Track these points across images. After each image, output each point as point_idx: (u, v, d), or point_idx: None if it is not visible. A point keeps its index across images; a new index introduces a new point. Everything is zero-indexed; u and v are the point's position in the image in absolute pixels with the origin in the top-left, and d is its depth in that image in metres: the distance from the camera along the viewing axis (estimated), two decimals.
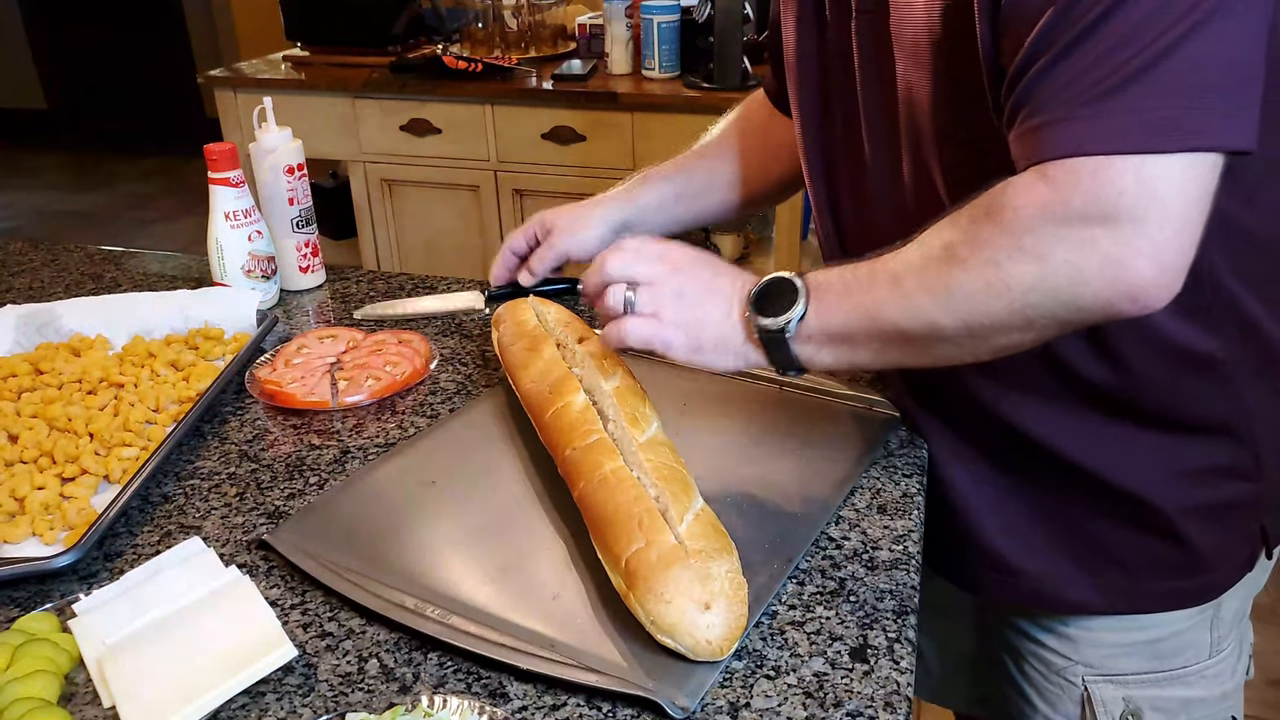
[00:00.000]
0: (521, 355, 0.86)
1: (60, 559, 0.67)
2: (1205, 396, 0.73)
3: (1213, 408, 0.74)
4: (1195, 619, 0.80)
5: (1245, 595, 0.84)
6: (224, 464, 0.83)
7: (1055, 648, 0.84)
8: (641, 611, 0.60)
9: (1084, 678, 0.83)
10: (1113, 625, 0.81)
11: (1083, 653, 0.83)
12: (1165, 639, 0.81)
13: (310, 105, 2.46)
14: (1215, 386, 0.73)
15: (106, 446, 0.82)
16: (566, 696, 0.58)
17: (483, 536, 0.72)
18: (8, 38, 5.48)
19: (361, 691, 0.59)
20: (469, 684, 0.59)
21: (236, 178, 1.06)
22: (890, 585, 0.67)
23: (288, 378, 0.93)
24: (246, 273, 1.08)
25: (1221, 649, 0.83)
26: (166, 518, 0.76)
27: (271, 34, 2.68)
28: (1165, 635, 0.81)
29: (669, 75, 2.27)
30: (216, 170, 1.05)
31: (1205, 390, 0.73)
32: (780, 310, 0.69)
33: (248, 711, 0.58)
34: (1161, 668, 0.82)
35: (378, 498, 0.77)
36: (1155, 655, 0.81)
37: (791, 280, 0.69)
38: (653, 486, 0.66)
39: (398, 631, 0.63)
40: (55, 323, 1.02)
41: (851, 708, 0.57)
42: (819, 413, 0.87)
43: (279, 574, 0.69)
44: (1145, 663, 0.82)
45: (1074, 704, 0.84)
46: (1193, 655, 0.82)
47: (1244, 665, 0.86)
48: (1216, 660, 0.83)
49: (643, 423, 0.74)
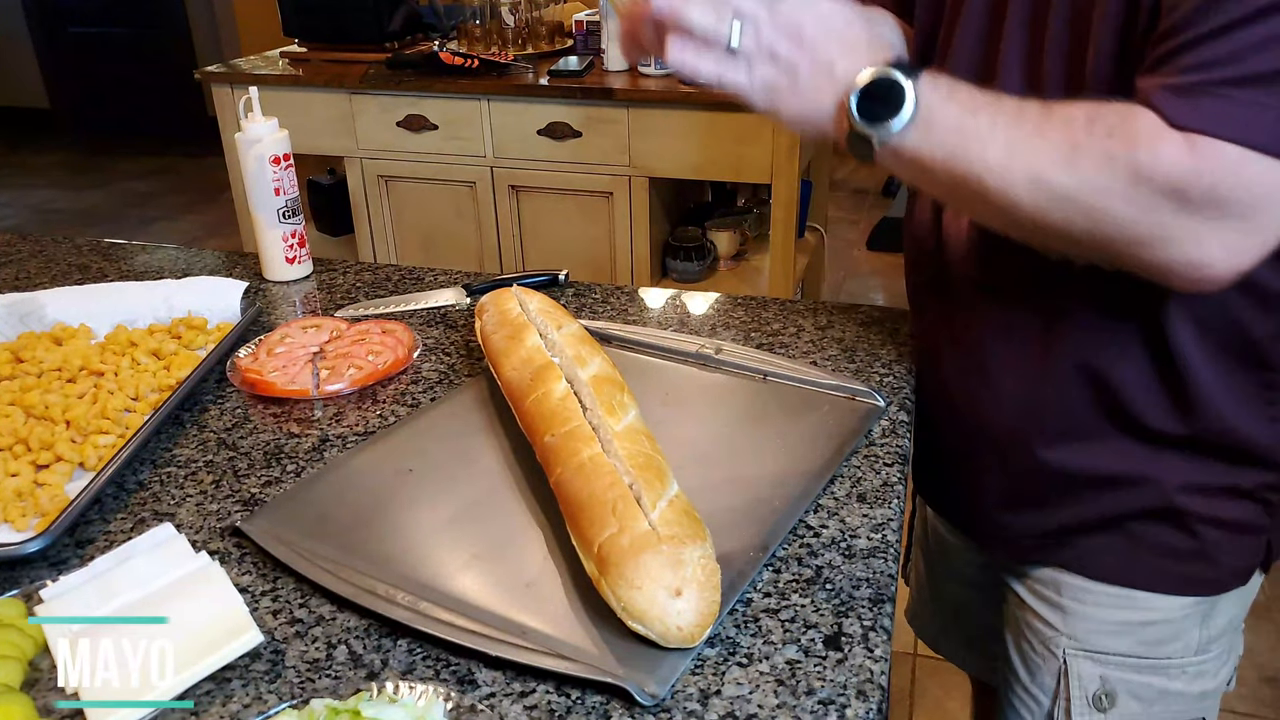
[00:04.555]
0: (504, 344, 0.85)
1: (30, 545, 0.66)
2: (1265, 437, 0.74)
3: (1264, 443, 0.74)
4: (1188, 610, 0.80)
5: (1240, 605, 0.83)
6: (202, 451, 0.82)
7: (1046, 616, 0.84)
8: (613, 598, 0.59)
9: (1065, 650, 0.83)
10: (1105, 600, 0.81)
11: (1071, 624, 0.82)
12: (1155, 624, 0.80)
13: (307, 101, 2.45)
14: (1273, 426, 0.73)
15: (83, 434, 0.81)
16: (535, 683, 0.57)
17: (458, 523, 0.72)
18: (11, 37, 5.50)
19: (329, 678, 0.59)
20: (437, 671, 0.59)
21: None
22: (867, 573, 0.66)
23: (269, 366, 0.92)
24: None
25: (1209, 650, 0.82)
26: (141, 505, 0.75)
27: (274, 32, 2.68)
28: (1156, 620, 0.80)
29: (665, 71, 2.26)
30: None
31: (1264, 431, 0.73)
32: (880, 115, 0.63)
33: (213, 697, 0.57)
34: (1146, 653, 0.81)
35: (354, 485, 0.76)
36: (1142, 640, 0.81)
37: (902, 86, 0.62)
38: (627, 474, 0.66)
39: (368, 618, 0.63)
40: (39, 312, 1.02)
41: (824, 695, 0.56)
42: (802, 402, 0.86)
43: (251, 561, 0.69)
44: (1131, 645, 0.81)
45: (1051, 676, 0.84)
46: (1179, 648, 0.81)
47: (1228, 673, 0.86)
48: (1202, 660, 0.82)
49: (620, 411, 0.73)
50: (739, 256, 2.55)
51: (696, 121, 2.19)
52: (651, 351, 0.96)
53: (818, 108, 0.64)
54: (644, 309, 1.08)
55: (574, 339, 0.83)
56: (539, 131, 2.30)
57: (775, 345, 0.98)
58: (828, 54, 0.64)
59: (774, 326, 1.02)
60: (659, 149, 2.25)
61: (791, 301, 1.09)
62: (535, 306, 0.89)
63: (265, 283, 1.16)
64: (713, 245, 2.47)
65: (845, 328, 1.01)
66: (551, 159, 2.33)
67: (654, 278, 2.43)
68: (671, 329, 1.01)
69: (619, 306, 1.07)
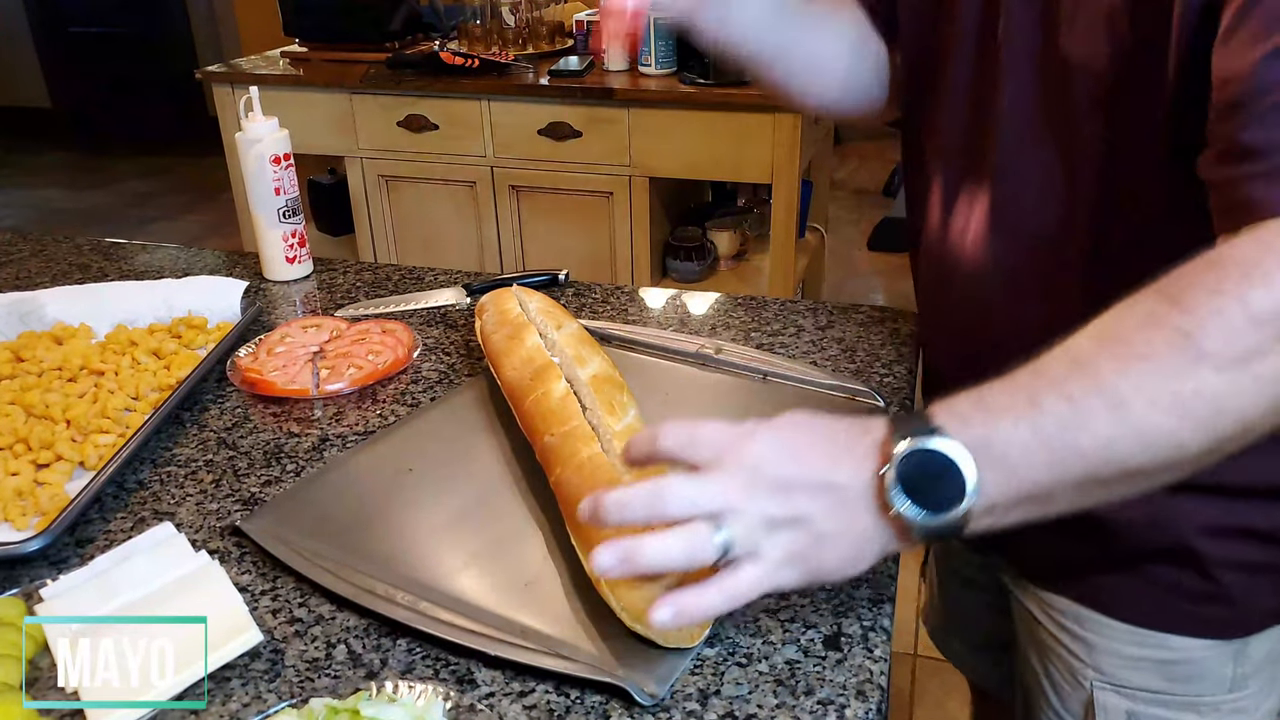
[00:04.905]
0: (504, 343, 0.85)
1: (30, 544, 0.67)
2: None
3: None
4: (1215, 649, 0.73)
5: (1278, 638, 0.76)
6: (202, 451, 0.82)
7: (1070, 646, 0.79)
8: (613, 598, 0.59)
9: (1093, 682, 0.78)
10: (1126, 637, 0.75)
11: (1095, 658, 0.77)
12: (1179, 663, 0.75)
13: (307, 101, 2.45)
14: None
15: (83, 433, 0.81)
16: (535, 683, 0.58)
17: (458, 523, 0.72)
18: (12, 36, 5.50)
19: (328, 677, 0.59)
20: (436, 670, 0.59)
21: None
22: (867, 574, 0.65)
23: (269, 366, 0.92)
24: None
25: (1245, 686, 0.75)
26: (141, 504, 0.75)
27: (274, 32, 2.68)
28: (1179, 659, 0.74)
29: (665, 71, 2.26)
30: None
31: None
32: (944, 497, 0.50)
33: (212, 696, 0.57)
34: (1174, 690, 0.75)
35: (354, 485, 0.77)
36: (1168, 677, 0.75)
37: (943, 451, 0.49)
38: (627, 473, 0.66)
39: (367, 618, 0.63)
40: (39, 311, 1.02)
41: (823, 696, 0.56)
42: (801, 403, 0.86)
43: (251, 560, 0.69)
44: (1157, 682, 0.76)
45: (1080, 705, 0.79)
46: (1209, 686, 0.74)
47: (1273, 704, 0.78)
48: (1237, 696, 0.75)
49: (620, 411, 0.73)
50: (739, 256, 2.55)
51: (697, 121, 2.19)
52: (651, 351, 0.96)
53: (863, 537, 0.52)
54: (644, 309, 1.08)
55: (574, 339, 0.83)
56: (539, 131, 2.30)
57: (775, 345, 0.98)
58: (832, 475, 0.52)
59: (774, 326, 1.02)
60: (659, 149, 2.25)
61: (791, 301, 1.09)
62: (535, 306, 0.89)
63: (265, 282, 1.16)
64: (713, 245, 2.47)
65: (845, 328, 1.01)
66: (552, 159, 2.33)
67: (654, 278, 2.43)
68: (671, 329, 1.01)
69: (619, 306, 1.08)
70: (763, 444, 0.54)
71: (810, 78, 0.87)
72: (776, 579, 0.52)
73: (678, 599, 0.52)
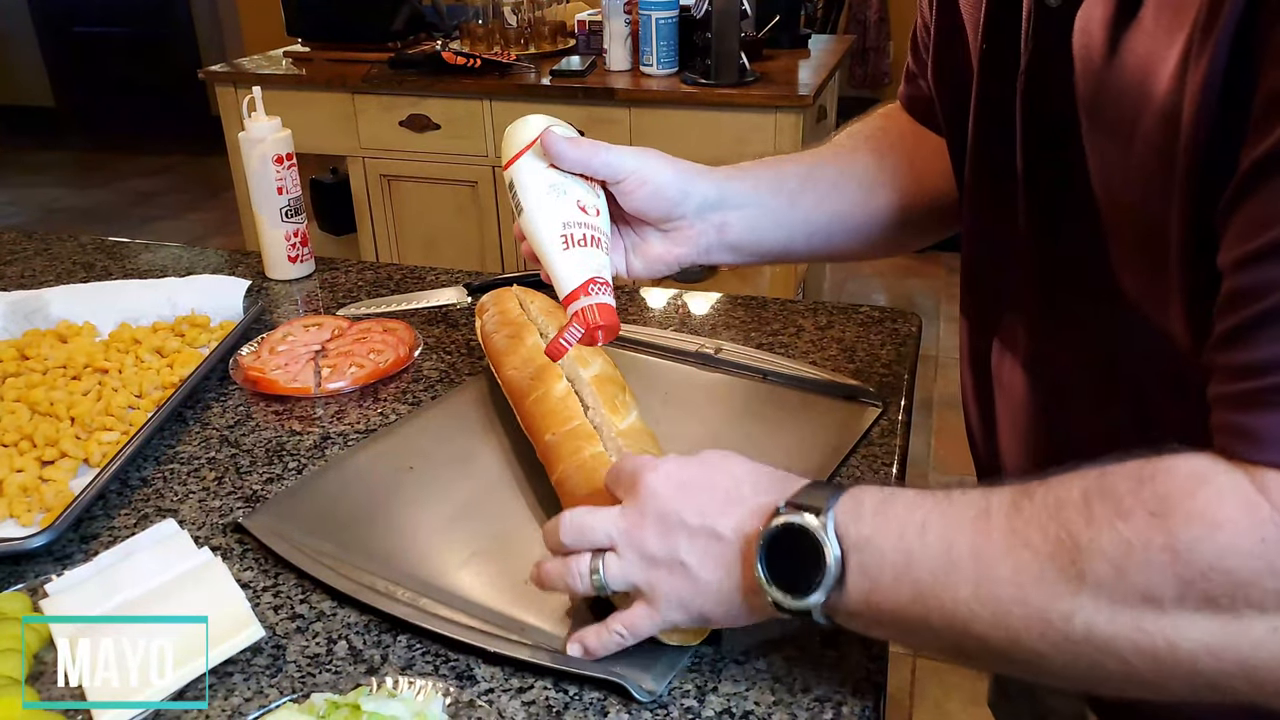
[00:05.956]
0: (504, 343, 0.86)
1: (34, 540, 0.67)
2: None
3: None
4: None
5: None
6: (204, 449, 0.83)
7: None
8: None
9: None
10: None
11: None
12: None
13: (310, 101, 2.46)
14: None
15: (87, 430, 0.82)
16: (533, 679, 0.58)
17: (459, 521, 0.72)
18: (17, 36, 5.51)
19: (329, 673, 0.59)
20: (436, 666, 0.59)
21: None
22: None
23: (271, 364, 0.93)
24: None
25: None
26: (144, 501, 0.76)
27: (277, 32, 2.69)
28: None
29: (667, 72, 2.27)
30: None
31: None
32: (801, 579, 0.48)
33: (214, 691, 0.58)
34: None
35: (355, 482, 0.77)
36: None
37: (814, 534, 0.47)
38: None
39: (368, 614, 0.63)
40: (44, 310, 1.03)
41: (820, 693, 0.57)
42: (801, 402, 0.87)
43: (253, 557, 0.69)
44: None
45: None
46: None
47: None
48: None
49: (622, 410, 0.74)
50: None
51: (699, 121, 2.19)
52: (652, 351, 0.96)
53: (740, 591, 0.50)
54: (644, 309, 1.08)
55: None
56: None
57: (775, 345, 0.98)
58: (716, 523, 0.50)
59: (774, 326, 1.02)
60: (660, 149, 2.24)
61: (791, 301, 1.10)
62: (536, 306, 0.89)
63: (268, 281, 1.16)
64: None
65: (845, 328, 1.01)
66: None
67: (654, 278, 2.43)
68: (672, 329, 1.02)
69: (619, 306, 1.08)
70: (659, 478, 0.54)
71: (841, 242, 0.79)
72: (669, 619, 0.53)
73: (583, 635, 0.56)
